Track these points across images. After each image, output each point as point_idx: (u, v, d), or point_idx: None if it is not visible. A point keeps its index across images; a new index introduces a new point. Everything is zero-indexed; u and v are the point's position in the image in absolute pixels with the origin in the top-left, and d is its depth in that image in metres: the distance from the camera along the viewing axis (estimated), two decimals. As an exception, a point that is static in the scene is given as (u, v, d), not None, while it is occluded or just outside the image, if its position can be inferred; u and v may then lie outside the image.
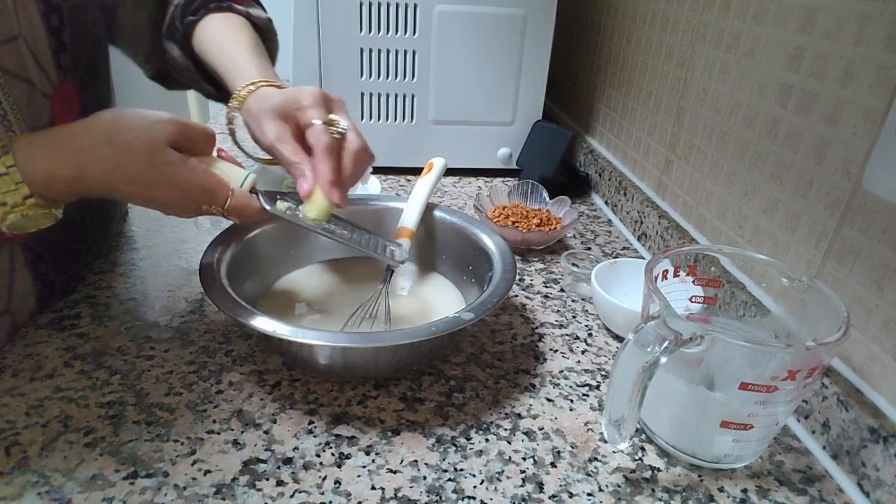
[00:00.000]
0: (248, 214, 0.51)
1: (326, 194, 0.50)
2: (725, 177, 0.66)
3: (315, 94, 0.52)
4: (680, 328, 0.39)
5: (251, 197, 0.51)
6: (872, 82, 0.46)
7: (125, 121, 0.46)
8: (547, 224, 0.78)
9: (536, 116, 1.01)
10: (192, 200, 0.48)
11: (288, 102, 0.52)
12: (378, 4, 0.89)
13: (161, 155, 0.46)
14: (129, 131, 0.45)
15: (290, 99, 0.52)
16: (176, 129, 0.47)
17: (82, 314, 0.59)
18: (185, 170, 0.47)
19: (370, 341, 0.46)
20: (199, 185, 0.48)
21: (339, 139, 0.52)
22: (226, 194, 0.49)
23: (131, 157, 0.45)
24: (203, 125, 0.50)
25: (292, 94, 0.53)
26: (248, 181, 0.51)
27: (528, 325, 0.63)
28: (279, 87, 0.56)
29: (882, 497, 0.42)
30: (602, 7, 1.02)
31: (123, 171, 0.45)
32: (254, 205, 0.51)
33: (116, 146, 0.45)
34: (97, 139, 0.45)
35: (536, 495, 0.43)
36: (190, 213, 0.50)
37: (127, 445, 0.45)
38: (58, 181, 0.44)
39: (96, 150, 0.45)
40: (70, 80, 0.56)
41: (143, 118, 0.46)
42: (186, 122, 0.48)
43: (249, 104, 0.55)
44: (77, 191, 0.46)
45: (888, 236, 0.45)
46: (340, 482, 0.43)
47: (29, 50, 0.50)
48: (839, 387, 0.46)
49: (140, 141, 0.45)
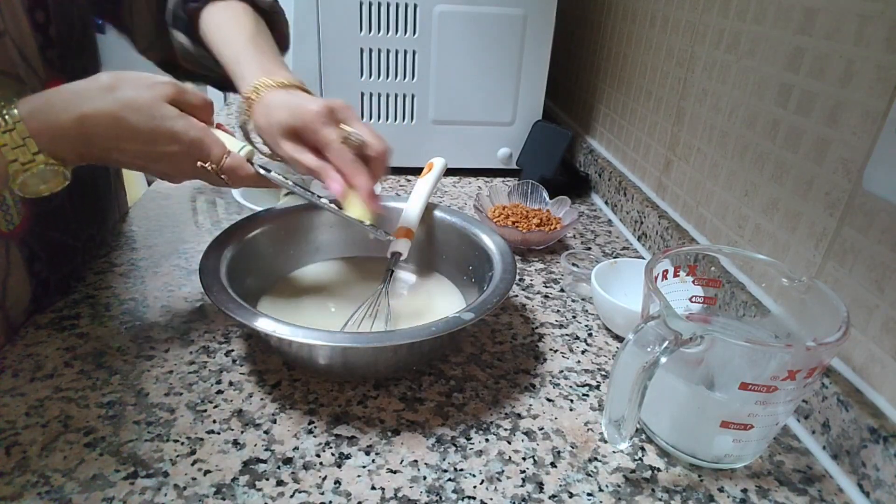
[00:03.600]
0: (241, 176, 0.51)
1: (368, 205, 0.53)
2: (725, 177, 0.66)
3: (322, 112, 0.53)
4: (680, 328, 0.39)
5: (246, 161, 0.52)
6: (872, 82, 0.46)
7: (126, 79, 0.47)
8: (547, 224, 0.78)
9: (536, 116, 1.01)
10: (189, 156, 0.49)
11: (297, 123, 0.53)
12: (378, 4, 0.89)
13: (161, 109, 0.47)
14: (130, 88, 0.47)
15: (297, 119, 0.53)
16: (175, 89, 0.48)
17: (82, 314, 0.59)
18: (184, 122, 0.48)
19: (370, 341, 0.46)
20: (196, 139, 0.49)
21: (358, 148, 0.54)
22: (222, 151, 0.50)
23: (133, 111, 0.46)
24: (201, 93, 0.51)
25: (300, 115, 0.53)
26: (244, 150, 0.52)
27: (528, 325, 0.63)
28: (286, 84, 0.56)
29: (882, 497, 0.42)
30: (602, 7, 1.02)
31: (125, 125, 0.46)
32: (247, 168, 0.52)
33: (119, 101, 0.46)
34: (99, 94, 0.46)
35: (536, 495, 0.43)
36: (186, 171, 0.51)
37: (127, 445, 0.45)
38: (64, 138, 0.45)
39: (99, 105, 0.46)
40: (59, 74, 0.56)
41: (143, 77, 0.48)
42: (185, 85, 0.49)
43: (259, 121, 0.55)
44: (81, 149, 0.47)
45: (888, 236, 0.45)
46: (340, 482, 0.43)
47: (15, 46, 0.51)
48: (839, 387, 0.46)
49: (141, 97, 0.47)
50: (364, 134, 0.54)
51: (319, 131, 0.53)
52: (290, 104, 0.54)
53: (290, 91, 0.55)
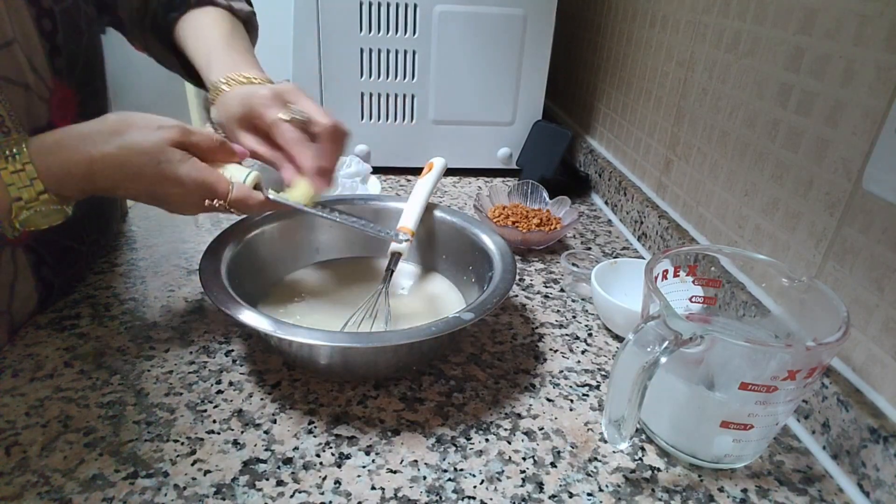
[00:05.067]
0: (250, 206, 0.52)
1: (314, 183, 0.53)
2: (725, 177, 0.66)
3: (266, 94, 0.54)
4: (680, 328, 0.39)
5: (251, 190, 0.52)
6: (872, 82, 0.46)
7: (133, 122, 0.48)
8: (547, 224, 0.78)
9: (536, 116, 1.01)
10: (194, 196, 0.49)
11: (246, 110, 0.55)
12: (378, 4, 0.89)
13: (165, 153, 0.48)
14: (136, 131, 0.47)
15: (245, 106, 0.55)
16: (180, 132, 0.49)
17: (82, 314, 0.59)
18: (187, 167, 0.48)
19: (370, 341, 0.46)
20: (200, 181, 0.49)
21: (304, 126, 0.54)
22: (226, 188, 0.50)
23: (138, 155, 0.47)
24: (209, 133, 0.51)
25: (247, 101, 0.55)
26: (250, 178, 0.52)
27: (528, 325, 0.63)
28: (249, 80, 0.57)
29: (882, 497, 0.42)
30: (602, 7, 1.02)
31: (130, 168, 0.47)
32: (255, 196, 0.52)
33: (124, 145, 0.47)
34: (106, 138, 0.47)
35: (536, 495, 0.43)
36: (193, 209, 0.51)
37: (127, 445, 0.45)
38: (71, 178, 0.46)
39: (106, 150, 0.46)
40: (66, 82, 0.56)
41: (150, 120, 0.48)
42: (191, 128, 0.50)
43: (219, 115, 0.57)
44: (87, 188, 0.48)
45: (888, 236, 0.45)
46: (340, 482, 0.43)
47: (24, 54, 0.51)
48: (839, 387, 0.46)
49: (147, 141, 0.47)
50: (310, 111, 0.54)
51: (265, 114, 0.54)
52: (242, 94, 0.55)
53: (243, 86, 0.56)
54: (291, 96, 0.55)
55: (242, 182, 0.51)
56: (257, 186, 0.52)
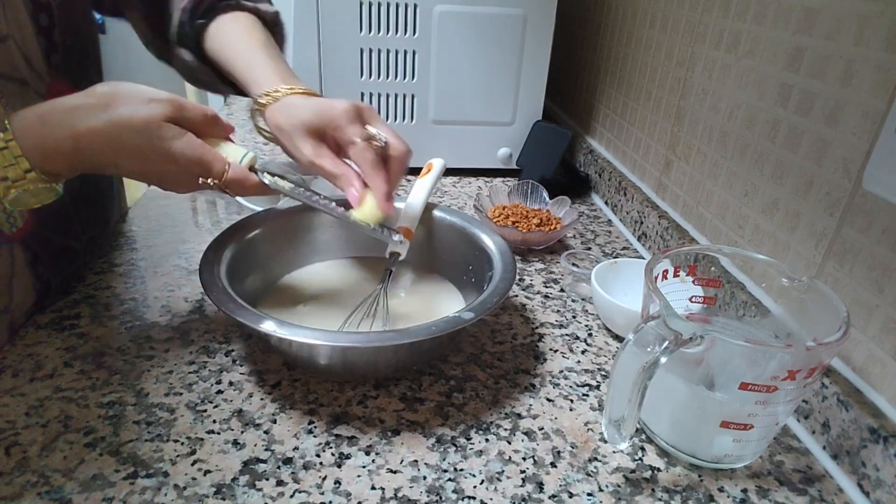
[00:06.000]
0: (245, 187, 0.51)
1: (381, 206, 0.53)
2: (725, 177, 0.66)
3: (349, 111, 0.53)
4: (680, 328, 0.39)
5: (248, 171, 0.51)
6: (872, 82, 0.46)
7: (122, 94, 0.46)
8: (547, 224, 0.78)
9: (536, 116, 1.01)
10: (188, 173, 0.48)
11: (322, 121, 0.53)
12: (378, 4, 0.89)
13: (157, 130, 0.46)
14: (126, 105, 0.45)
15: (323, 117, 0.53)
16: (173, 107, 0.47)
17: (82, 314, 0.59)
18: (181, 143, 0.47)
19: (370, 341, 0.46)
20: (195, 158, 0.47)
21: (382, 150, 0.54)
22: (222, 167, 0.49)
23: (128, 130, 0.45)
24: (202, 107, 0.49)
25: (325, 112, 0.53)
26: (246, 158, 0.51)
27: (528, 325, 0.63)
28: (303, 92, 0.56)
29: (882, 497, 0.42)
30: (602, 7, 1.02)
31: (120, 145, 0.45)
32: (251, 178, 0.51)
33: (113, 120, 0.45)
34: (93, 112, 0.45)
35: (536, 495, 0.43)
36: (187, 186, 0.50)
37: (127, 445, 0.45)
38: (58, 154, 0.44)
39: (93, 124, 0.44)
40: (63, 77, 0.56)
41: (140, 92, 0.46)
42: (184, 101, 0.48)
43: (277, 119, 0.55)
44: (76, 165, 0.46)
45: (888, 236, 0.45)
46: (340, 482, 0.43)
47: (19, 50, 0.51)
48: (839, 387, 0.46)
49: (137, 115, 0.45)
50: (387, 135, 0.54)
51: (345, 129, 0.52)
52: (314, 104, 0.54)
53: (308, 97, 0.55)
54: (369, 116, 0.54)
55: (239, 163, 0.50)
56: (252, 168, 0.51)
